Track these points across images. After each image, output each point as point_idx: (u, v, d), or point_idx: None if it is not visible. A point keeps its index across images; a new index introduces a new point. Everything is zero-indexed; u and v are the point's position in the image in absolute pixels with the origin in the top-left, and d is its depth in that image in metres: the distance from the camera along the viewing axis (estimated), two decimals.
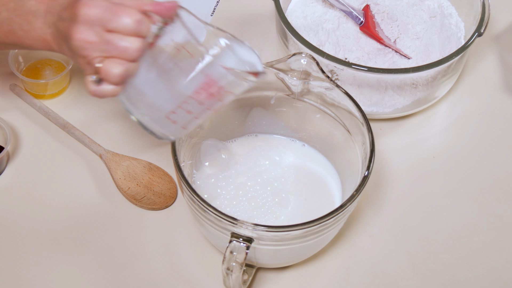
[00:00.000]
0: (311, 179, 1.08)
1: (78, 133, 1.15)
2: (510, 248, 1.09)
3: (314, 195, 1.06)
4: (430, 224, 1.11)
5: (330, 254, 1.07)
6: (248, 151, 1.10)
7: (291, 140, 1.11)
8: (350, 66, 1.10)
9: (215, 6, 1.36)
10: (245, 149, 1.10)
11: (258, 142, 1.11)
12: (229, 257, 0.90)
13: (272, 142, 1.11)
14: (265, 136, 1.12)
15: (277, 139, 1.12)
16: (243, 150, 1.10)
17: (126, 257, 1.06)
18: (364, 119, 0.99)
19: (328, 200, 1.06)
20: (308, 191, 1.06)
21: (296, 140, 1.11)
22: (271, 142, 1.11)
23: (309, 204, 1.05)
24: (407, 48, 1.21)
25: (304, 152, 1.11)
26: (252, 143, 1.11)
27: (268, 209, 1.03)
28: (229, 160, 1.07)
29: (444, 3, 1.26)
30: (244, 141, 1.11)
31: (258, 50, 1.28)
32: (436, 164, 1.18)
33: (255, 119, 1.10)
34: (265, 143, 1.11)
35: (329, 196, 1.06)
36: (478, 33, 1.14)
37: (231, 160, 1.07)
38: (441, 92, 1.21)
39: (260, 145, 1.10)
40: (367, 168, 0.96)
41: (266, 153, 1.09)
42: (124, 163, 1.13)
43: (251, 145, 1.11)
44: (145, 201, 1.10)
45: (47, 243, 1.07)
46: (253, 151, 1.09)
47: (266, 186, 1.05)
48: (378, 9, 1.24)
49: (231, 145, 1.10)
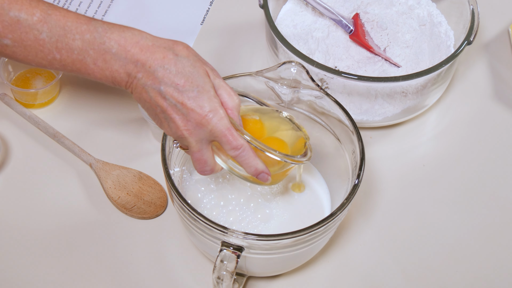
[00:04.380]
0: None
1: (68, 142, 1.15)
2: (499, 255, 1.10)
3: (303, 203, 1.06)
4: (421, 232, 1.11)
5: (321, 262, 1.07)
6: None
7: None
8: (340, 74, 1.10)
9: (205, 14, 1.36)
10: None
11: None
12: (219, 266, 0.90)
13: None
14: None
15: None
16: None
17: (116, 266, 1.06)
18: (354, 127, 0.99)
19: (318, 209, 1.06)
20: (297, 199, 1.06)
21: None
22: None
23: (298, 213, 1.05)
24: (397, 57, 1.21)
25: None
26: None
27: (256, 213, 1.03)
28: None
29: (434, 12, 1.26)
30: None
31: (248, 59, 1.29)
32: (426, 172, 1.18)
33: None
34: None
35: (319, 204, 1.06)
36: (467, 41, 1.15)
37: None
38: (431, 100, 1.21)
39: None
40: (358, 177, 0.96)
41: None
42: (114, 172, 1.13)
43: None
44: (135, 210, 1.10)
45: (37, 252, 1.06)
46: None
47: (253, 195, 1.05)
48: (368, 17, 1.25)
49: None
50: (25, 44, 0.90)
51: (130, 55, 0.89)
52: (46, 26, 0.89)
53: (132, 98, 1.20)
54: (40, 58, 0.91)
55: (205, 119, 0.89)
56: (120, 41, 0.90)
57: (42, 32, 0.89)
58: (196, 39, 1.32)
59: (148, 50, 0.89)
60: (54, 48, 0.90)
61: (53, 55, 0.91)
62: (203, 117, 0.89)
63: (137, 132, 1.19)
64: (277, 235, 0.90)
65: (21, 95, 1.20)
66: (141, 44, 0.89)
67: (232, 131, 0.90)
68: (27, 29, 0.89)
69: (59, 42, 0.90)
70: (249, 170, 0.93)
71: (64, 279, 1.04)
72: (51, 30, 0.89)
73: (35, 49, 0.90)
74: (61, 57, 0.90)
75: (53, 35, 0.89)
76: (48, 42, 0.90)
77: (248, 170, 0.93)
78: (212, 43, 1.32)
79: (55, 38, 0.89)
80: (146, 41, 0.90)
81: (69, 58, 0.90)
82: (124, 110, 1.21)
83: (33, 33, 0.89)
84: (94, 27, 0.90)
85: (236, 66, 1.28)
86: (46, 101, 1.21)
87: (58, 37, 0.89)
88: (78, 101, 1.22)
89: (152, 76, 0.89)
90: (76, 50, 0.90)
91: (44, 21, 0.89)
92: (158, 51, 0.89)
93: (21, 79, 1.22)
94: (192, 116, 0.89)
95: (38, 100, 1.20)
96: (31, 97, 1.19)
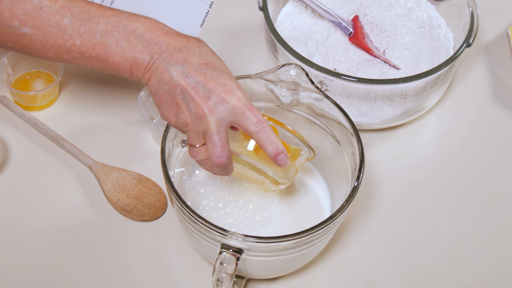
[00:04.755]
0: (300, 189, 1.08)
1: (67, 144, 1.15)
2: (499, 257, 1.10)
3: (303, 205, 1.06)
4: (420, 234, 1.11)
5: (320, 264, 1.07)
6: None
7: None
8: (339, 76, 1.10)
9: (205, 17, 1.36)
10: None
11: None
12: (219, 268, 0.90)
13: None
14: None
15: None
16: None
17: (116, 269, 1.06)
18: (354, 129, 1.00)
19: (317, 211, 1.06)
20: (298, 201, 1.06)
21: None
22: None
23: (298, 215, 1.05)
24: (396, 59, 1.21)
25: None
26: None
27: (255, 216, 1.03)
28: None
29: (433, 14, 1.26)
30: None
31: (247, 61, 1.29)
32: (425, 174, 1.18)
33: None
34: None
35: (318, 206, 1.06)
36: (467, 43, 1.15)
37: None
38: (431, 102, 1.21)
39: None
40: (357, 179, 0.96)
41: None
42: (114, 174, 1.13)
43: None
44: (135, 213, 1.10)
45: (36, 255, 1.06)
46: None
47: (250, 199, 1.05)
48: (367, 20, 1.25)
49: None
50: (45, 30, 0.91)
51: (155, 36, 0.91)
52: (69, 12, 0.91)
53: (132, 100, 1.21)
54: (58, 45, 0.92)
55: (228, 94, 0.89)
56: (145, 24, 0.92)
57: (64, 18, 0.91)
58: None
59: (172, 34, 0.92)
60: (76, 32, 0.91)
61: (74, 41, 0.92)
62: (226, 92, 0.89)
63: (136, 134, 1.19)
64: (277, 237, 0.90)
65: (21, 97, 1.20)
66: (166, 29, 0.93)
67: (253, 107, 0.90)
68: (49, 15, 0.91)
69: (82, 26, 0.91)
70: (270, 148, 0.92)
71: (63, 282, 1.04)
72: (74, 15, 0.91)
73: (55, 35, 0.91)
74: (82, 42, 0.92)
75: (76, 19, 0.91)
76: (70, 27, 0.91)
77: (269, 148, 0.92)
78: (212, 45, 1.30)
79: (78, 23, 0.91)
80: (170, 29, 0.93)
81: (90, 42, 0.92)
82: (124, 112, 1.21)
83: (55, 18, 0.91)
84: (119, 12, 0.93)
85: (235, 68, 1.28)
86: (46, 103, 1.21)
87: (82, 21, 0.91)
88: (77, 104, 1.22)
89: (176, 55, 0.90)
90: (99, 32, 0.91)
91: (67, 7, 0.91)
92: (182, 36, 0.92)
93: (20, 81, 1.22)
94: (215, 92, 0.89)
95: (37, 103, 1.20)
96: (30, 100, 1.19)
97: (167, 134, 0.98)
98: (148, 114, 1.14)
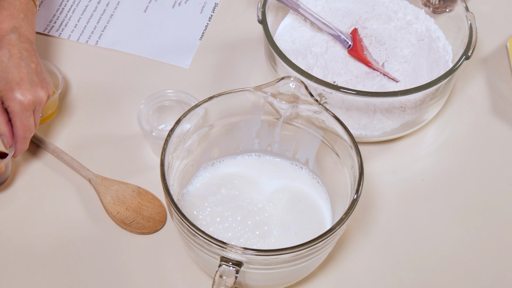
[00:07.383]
0: (300, 202, 1.08)
1: (67, 157, 1.15)
2: (499, 270, 1.09)
3: (302, 219, 1.06)
4: (420, 247, 1.11)
5: (319, 277, 1.07)
6: (238, 170, 1.10)
7: (280, 160, 1.11)
8: (338, 89, 1.10)
9: (204, 30, 1.36)
10: (235, 169, 1.10)
11: (250, 162, 1.11)
12: (218, 281, 0.90)
13: (264, 163, 1.11)
14: (255, 157, 1.12)
15: (268, 160, 1.12)
16: (234, 169, 1.10)
17: (115, 281, 1.05)
18: (353, 142, 1.00)
19: (317, 224, 1.06)
20: (297, 214, 1.06)
21: (284, 160, 1.11)
22: (263, 164, 1.11)
23: (297, 228, 1.05)
24: (395, 72, 1.22)
25: (296, 173, 1.11)
26: (243, 163, 1.11)
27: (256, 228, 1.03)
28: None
29: (432, 27, 1.26)
30: (233, 161, 1.11)
31: (246, 74, 1.30)
32: (425, 187, 1.18)
33: (245, 141, 1.10)
34: (258, 163, 1.11)
35: (318, 219, 1.06)
36: (465, 56, 1.15)
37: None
38: (430, 115, 1.21)
39: (251, 166, 1.10)
40: (356, 192, 0.96)
41: (254, 172, 1.09)
42: (113, 187, 1.13)
43: (241, 165, 1.10)
44: (134, 226, 1.10)
45: (36, 268, 1.06)
46: (242, 169, 1.10)
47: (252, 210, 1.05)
48: (366, 32, 1.25)
49: (219, 165, 1.10)
50: None
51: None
52: None
53: (131, 113, 1.21)
54: None
55: None
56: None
57: None
58: (195, 54, 1.32)
59: None
60: None
61: None
62: None
63: (136, 147, 1.19)
64: (276, 250, 0.90)
65: None
66: None
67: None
68: None
69: None
70: None
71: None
72: None
73: None
74: None
75: None
76: None
77: None
78: (211, 59, 1.32)
79: None
80: None
81: None
82: (123, 125, 1.21)
83: None
84: None
85: (235, 81, 1.28)
86: (45, 116, 1.21)
87: None
88: (76, 117, 1.23)
89: None
90: None
91: None
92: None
93: None
94: None
95: None
96: None
97: (166, 147, 0.98)
98: (147, 127, 1.14)
